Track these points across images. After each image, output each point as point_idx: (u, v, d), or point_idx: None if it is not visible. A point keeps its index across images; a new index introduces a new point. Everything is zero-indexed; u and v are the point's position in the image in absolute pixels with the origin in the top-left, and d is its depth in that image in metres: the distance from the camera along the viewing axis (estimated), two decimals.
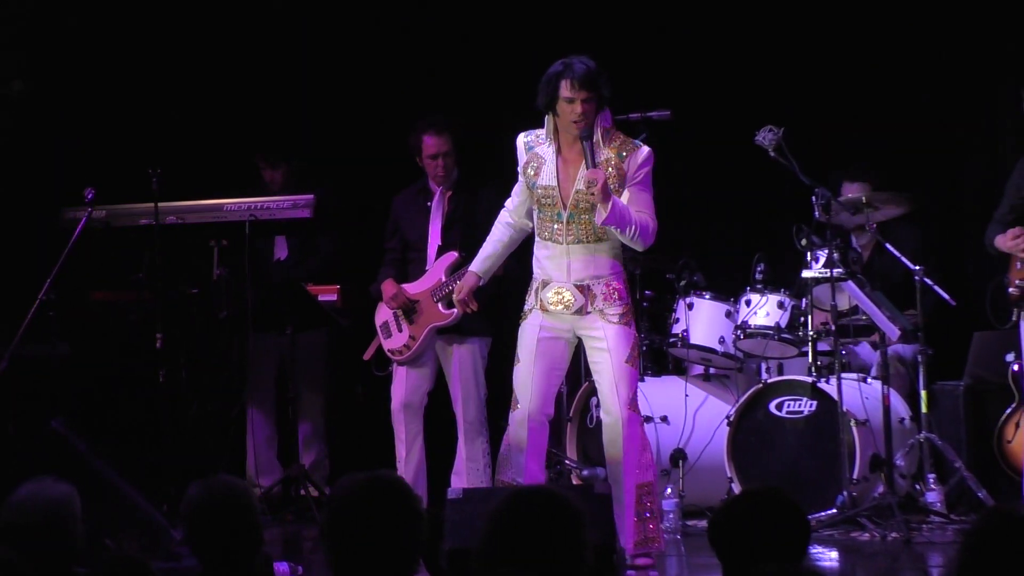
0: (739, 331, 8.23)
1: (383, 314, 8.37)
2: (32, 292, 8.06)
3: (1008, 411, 8.11)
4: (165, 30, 9.74)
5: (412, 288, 8.26)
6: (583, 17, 9.78)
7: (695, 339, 8.38)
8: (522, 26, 9.74)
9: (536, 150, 6.70)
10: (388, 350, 8.34)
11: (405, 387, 8.32)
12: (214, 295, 8.74)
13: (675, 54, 9.82)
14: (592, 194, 6.45)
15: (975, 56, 9.40)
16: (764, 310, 8.19)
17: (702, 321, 8.40)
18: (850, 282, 7.79)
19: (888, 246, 8.15)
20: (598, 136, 6.61)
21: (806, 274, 7.96)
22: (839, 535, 7.55)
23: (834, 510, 7.65)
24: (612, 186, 6.51)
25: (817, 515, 7.61)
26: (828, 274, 7.76)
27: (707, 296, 8.46)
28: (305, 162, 9.25)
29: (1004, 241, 7.68)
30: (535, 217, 6.74)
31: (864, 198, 8.04)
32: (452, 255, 8.19)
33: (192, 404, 8.71)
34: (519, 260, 7.29)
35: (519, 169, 6.79)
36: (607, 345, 6.64)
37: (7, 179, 9.35)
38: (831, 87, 9.71)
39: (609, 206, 6.41)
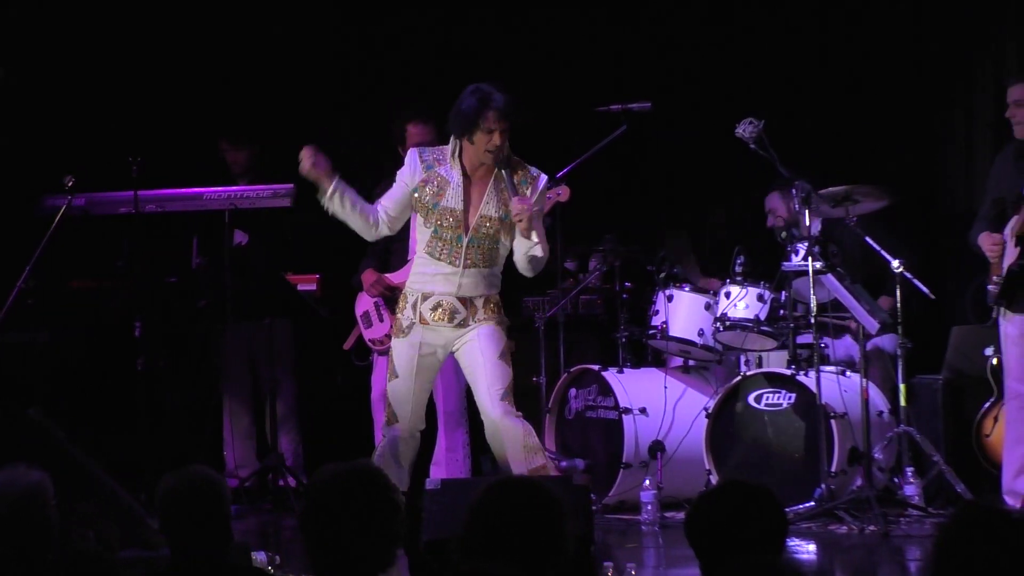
0: (718, 323, 8.23)
1: (364, 303, 8.36)
2: (11, 279, 8.03)
3: (986, 405, 8.12)
4: (145, 16, 9.70)
5: (394, 278, 8.24)
6: (563, 8, 9.78)
7: (674, 331, 8.36)
8: (503, 15, 9.73)
9: (437, 169, 6.67)
10: (369, 340, 8.33)
11: (385, 377, 8.30)
12: (193, 284, 8.71)
13: (655, 46, 9.82)
14: (520, 220, 6.50)
15: (954, 48, 9.42)
16: (744, 302, 8.18)
17: (681, 313, 8.39)
18: (830, 275, 7.78)
19: (868, 240, 8.14)
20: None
21: (786, 267, 7.96)
22: (817, 528, 7.55)
23: (812, 503, 7.66)
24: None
25: (795, 508, 7.61)
26: (807, 267, 7.75)
27: (687, 288, 8.45)
28: (271, 147, 9.16)
29: (984, 242, 7.70)
30: (425, 234, 6.70)
31: (844, 191, 8.01)
32: None
33: (170, 393, 8.68)
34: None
35: (406, 179, 6.70)
36: (479, 346, 6.68)
37: None
38: (811, 80, 9.73)
39: (533, 236, 6.54)
